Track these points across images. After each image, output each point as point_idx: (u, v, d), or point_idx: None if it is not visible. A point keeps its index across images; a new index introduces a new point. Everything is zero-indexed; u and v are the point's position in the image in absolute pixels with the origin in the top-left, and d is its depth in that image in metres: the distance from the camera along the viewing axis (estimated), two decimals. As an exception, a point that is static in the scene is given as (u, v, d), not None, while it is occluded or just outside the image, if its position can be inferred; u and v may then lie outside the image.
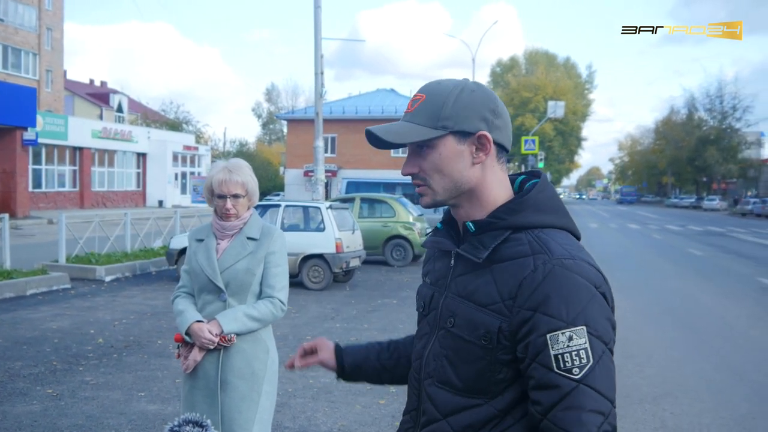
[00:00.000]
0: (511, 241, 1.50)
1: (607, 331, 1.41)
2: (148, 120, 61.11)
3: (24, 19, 46.06)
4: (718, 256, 21.31)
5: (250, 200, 3.40)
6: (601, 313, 1.41)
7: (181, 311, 3.33)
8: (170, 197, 47.19)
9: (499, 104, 1.57)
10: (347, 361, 1.95)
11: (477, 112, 1.53)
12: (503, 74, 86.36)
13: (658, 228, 36.52)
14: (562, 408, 1.37)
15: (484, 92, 1.57)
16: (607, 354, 1.40)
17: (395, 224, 17.21)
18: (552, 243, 1.47)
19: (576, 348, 1.37)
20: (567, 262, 1.43)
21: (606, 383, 1.39)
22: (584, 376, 1.37)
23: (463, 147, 1.54)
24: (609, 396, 1.39)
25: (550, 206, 1.55)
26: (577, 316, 1.38)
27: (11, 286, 11.32)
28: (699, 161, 74.75)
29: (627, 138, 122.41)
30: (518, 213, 1.52)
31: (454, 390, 1.54)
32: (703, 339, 9.36)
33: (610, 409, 1.38)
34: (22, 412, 5.67)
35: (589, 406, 1.36)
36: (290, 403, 6.07)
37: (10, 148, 29.88)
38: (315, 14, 18.51)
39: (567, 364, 1.37)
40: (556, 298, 1.39)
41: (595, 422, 1.35)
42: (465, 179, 1.55)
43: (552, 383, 1.38)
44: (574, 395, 1.36)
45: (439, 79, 1.61)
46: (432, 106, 1.54)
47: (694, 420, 6.00)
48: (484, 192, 1.57)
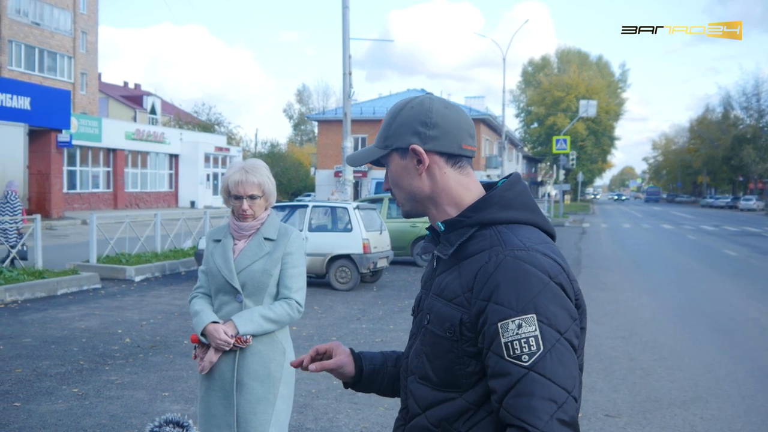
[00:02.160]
0: (477, 237, 1.55)
1: (562, 319, 1.43)
2: (180, 122, 61.60)
3: (59, 23, 46.82)
4: (754, 257, 20.91)
5: (267, 201, 3.37)
6: (554, 302, 1.43)
7: (197, 312, 3.32)
8: (202, 198, 47.58)
9: (435, 115, 1.61)
10: (366, 365, 1.90)
11: (409, 127, 1.62)
12: (535, 74, 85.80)
13: (692, 228, 35.97)
14: (513, 395, 1.39)
15: (422, 107, 1.63)
16: (563, 343, 1.41)
17: (423, 224, 17.11)
18: (510, 236, 1.51)
19: (525, 336, 1.39)
20: (519, 253, 1.46)
21: (560, 372, 1.39)
22: (534, 363, 1.38)
23: (406, 161, 1.64)
24: (564, 385, 1.39)
25: (517, 202, 1.58)
26: (527, 304, 1.41)
27: (42, 285, 11.48)
28: (735, 160, 73.60)
29: (661, 137, 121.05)
30: (483, 210, 1.57)
31: (432, 385, 1.58)
32: (736, 342, 9.16)
33: (566, 398, 1.38)
34: (47, 410, 5.72)
35: (539, 393, 1.37)
36: (313, 404, 6.05)
37: (45, 150, 30.34)
38: (343, 14, 18.53)
39: (516, 352, 1.40)
40: (506, 286, 1.43)
41: (547, 410, 1.36)
42: (417, 189, 1.64)
43: (504, 371, 1.41)
44: (525, 382, 1.38)
45: (401, 99, 1.71)
46: (383, 128, 1.69)
47: (725, 425, 5.86)
48: (443, 197, 1.63)
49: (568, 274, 1.51)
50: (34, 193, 29.75)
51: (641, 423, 5.86)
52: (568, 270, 1.51)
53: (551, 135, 65.48)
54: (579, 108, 58.32)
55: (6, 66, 42.28)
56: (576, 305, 1.50)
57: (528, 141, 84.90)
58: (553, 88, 78.96)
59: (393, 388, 1.91)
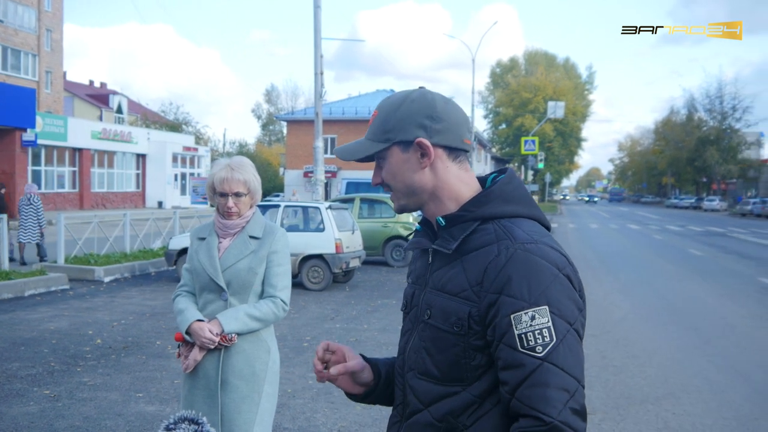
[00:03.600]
0: (479, 231, 1.56)
1: (571, 311, 1.47)
2: (147, 121, 61.00)
3: (24, 20, 46.00)
4: (719, 257, 21.26)
5: (253, 198, 3.35)
6: (564, 293, 1.47)
7: (181, 310, 3.28)
8: (170, 198, 47.09)
9: (439, 109, 1.62)
10: (383, 369, 1.82)
11: (414, 120, 1.61)
12: (503, 75, 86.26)
13: (658, 228, 36.46)
14: (527, 386, 1.41)
15: (424, 100, 1.63)
16: (572, 333, 1.45)
17: (395, 225, 17.16)
18: (516, 230, 1.53)
19: (539, 327, 1.42)
20: (529, 246, 1.49)
21: (571, 361, 1.43)
22: (548, 354, 1.41)
23: (408, 155, 1.62)
24: (575, 374, 1.43)
25: (516, 197, 1.61)
26: (539, 296, 1.44)
27: (9, 287, 11.28)
28: (699, 162, 74.63)
29: (627, 139, 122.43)
30: (485, 204, 1.58)
31: (434, 379, 1.58)
32: (706, 339, 9.31)
33: (577, 387, 1.42)
34: (19, 413, 5.62)
35: (553, 383, 1.40)
36: (290, 403, 6.02)
37: (10, 149, 29.83)
38: (315, 14, 18.47)
39: (530, 343, 1.42)
40: (518, 279, 1.45)
41: (561, 399, 1.39)
42: (418, 183, 1.63)
43: (517, 362, 1.43)
44: (539, 373, 1.41)
45: (393, 94, 1.72)
46: (379, 121, 1.67)
47: (696, 420, 5.96)
48: (444, 191, 1.63)
49: (573, 266, 1.54)
50: (-2, 192, 29.18)
51: (615, 419, 5.93)
52: (572, 262, 1.55)
53: (519, 136, 65.94)
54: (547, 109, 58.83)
55: (-32, 63, 41.45)
56: (579, 296, 1.52)
57: (496, 142, 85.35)
58: (521, 89, 79.49)
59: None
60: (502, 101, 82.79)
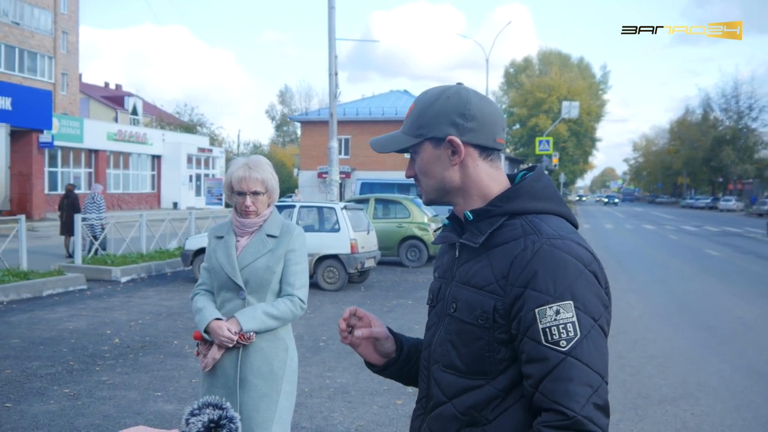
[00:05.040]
0: (506, 226, 1.57)
1: (596, 307, 1.47)
2: (162, 122, 61.22)
3: (39, 23, 46.35)
4: (736, 257, 21.12)
5: (270, 197, 3.36)
6: (589, 289, 1.47)
7: (200, 309, 3.30)
8: (185, 199, 47.31)
9: (473, 107, 1.62)
10: (405, 342, 1.86)
11: (447, 118, 1.62)
12: (517, 75, 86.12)
13: (674, 229, 36.27)
14: (551, 380, 1.42)
15: (458, 97, 1.63)
16: (597, 329, 1.45)
17: (410, 225, 17.15)
18: (543, 225, 1.54)
19: (563, 321, 1.43)
20: (555, 242, 1.50)
21: (595, 357, 1.43)
22: (571, 348, 1.42)
23: (440, 151, 1.64)
24: (598, 370, 1.43)
25: (545, 194, 1.62)
26: (564, 291, 1.44)
27: (28, 286, 11.37)
28: (715, 161, 74.18)
29: (642, 138, 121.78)
30: (513, 200, 1.59)
31: (458, 373, 1.59)
32: (722, 340, 9.26)
33: (600, 383, 1.42)
34: (39, 411, 5.68)
35: (577, 378, 1.40)
36: (307, 403, 6.04)
37: (27, 151, 30.07)
38: (329, 15, 18.50)
39: (554, 337, 1.43)
40: (543, 274, 1.46)
41: (584, 394, 1.40)
42: (448, 180, 1.65)
43: (541, 356, 1.44)
44: (562, 367, 1.41)
45: (432, 88, 1.71)
46: (415, 116, 1.67)
47: (716, 421, 5.93)
48: (473, 188, 1.65)
49: (599, 263, 1.54)
50: (15, 194, 29.49)
51: (633, 419, 5.91)
52: (598, 259, 1.54)
53: (533, 136, 65.75)
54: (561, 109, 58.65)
55: (-14, 66, 41.84)
56: (605, 293, 1.53)
57: (510, 142, 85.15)
58: (535, 89, 79.29)
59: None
60: (516, 101, 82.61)
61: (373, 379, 6.57)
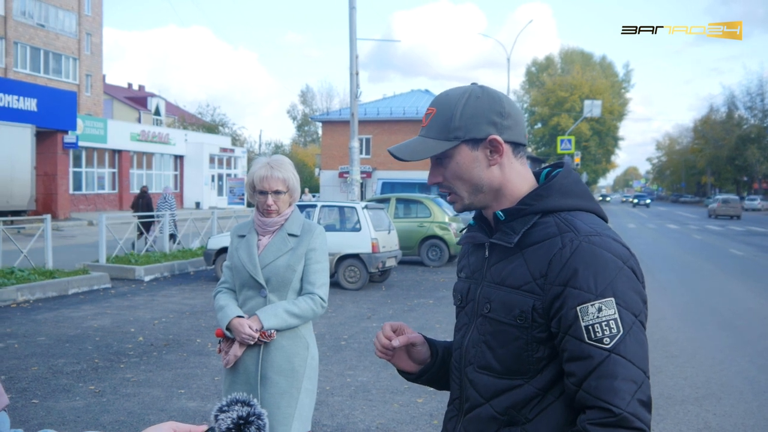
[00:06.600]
0: (540, 225, 1.57)
1: (636, 303, 1.47)
2: (185, 123, 61.69)
3: (64, 25, 46.92)
4: (761, 256, 20.90)
5: (292, 197, 3.40)
6: (629, 285, 1.47)
7: (222, 306, 3.35)
8: (207, 199, 47.67)
9: (506, 105, 1.62)
10: (440, 349, 1.83)
11: (484, 117, 1.60)
12: (538, 74, 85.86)
13: (697, 228, 35.95)
14: (595, 377, 1.42)
15: (489, 96, 1.62)
16: (638, 325, 1.46)
17: (431, 224, 17.15)
18: (578, 222, 1.54)
19: (606, 318, 1.43)
20: (593, 239, 1.49)
21: (638, 353, 1.43)
22: (615, 345, 1.42)
23: (478, 152, 1.61)
24: (641, 366, 1.43)
25: (575, 191, 1.61)
26: (605, 288, 1.44)
27: (54, 285, 11.54)
28: (739, 160, 73.41)
29: (665, 137, 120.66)
30: (545, 198, 1.59)
31: (495, 373, 1.58)
32: (747, 340, 9.18)
33: (643, 379, 1.43)
34: (65, 407, 5.77)
35: (621, 374, 1.40)
36: (328, 401, 6.08)
37: (52, 151, 30.44)
38: (350, 15, 18.56)
39: (598, 335, 1.43)
40: (584, 271, 1.46)
41: (629, 390, 1.40)
42: (485, 181, 1.62)
43: (584, 354, 1.44)
44: (607, 364, 1.41)
45: (447, 90, 1.68)
46: (442, 119, 1.62)
47: (738, 421, 5.88)
48: (507, 188, 1.63)
49: (635, 258, 1.54)
50: (41, 194, 29.81)
51: (655, 419, 5.88)
52: (634, 255, 1.54)
53: (555, 135, 65.52)
54: (583, 108, 58.28)
55: (12, 68, 42.40)
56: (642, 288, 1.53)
57: (532, 141, 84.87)
58: (556, 88, 79.00)
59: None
60: (537, 100, 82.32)
61: (394, 378, 6.60)
